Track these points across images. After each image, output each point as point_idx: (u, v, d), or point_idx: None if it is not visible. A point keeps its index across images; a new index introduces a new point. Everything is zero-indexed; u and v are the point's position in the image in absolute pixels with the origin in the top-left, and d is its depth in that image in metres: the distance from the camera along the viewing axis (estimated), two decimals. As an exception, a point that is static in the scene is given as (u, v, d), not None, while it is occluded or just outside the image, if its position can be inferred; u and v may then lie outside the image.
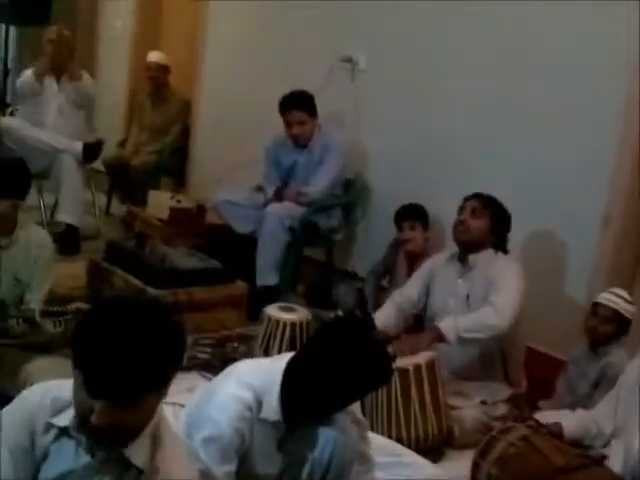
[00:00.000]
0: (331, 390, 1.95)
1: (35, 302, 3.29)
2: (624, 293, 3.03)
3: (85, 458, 1.60)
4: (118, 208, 5.84)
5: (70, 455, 1.60)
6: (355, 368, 1.93)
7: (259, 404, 2.02)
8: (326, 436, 2.05)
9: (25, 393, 1.63)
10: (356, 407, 2.18)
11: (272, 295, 4.13)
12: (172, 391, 3.19)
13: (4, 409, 1.64)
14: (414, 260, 3.88)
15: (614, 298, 2.99)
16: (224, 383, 2.13)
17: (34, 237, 3.38)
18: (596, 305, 3.03)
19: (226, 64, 5.51)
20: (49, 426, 1.57)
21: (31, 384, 2.88)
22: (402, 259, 4.05)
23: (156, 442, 1.62)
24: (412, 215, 4.03)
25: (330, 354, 1.95)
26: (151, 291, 3.81)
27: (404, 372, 2.94)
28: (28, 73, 5.03)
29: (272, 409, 2.01)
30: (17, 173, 3.20)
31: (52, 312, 3.09)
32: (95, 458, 1.59)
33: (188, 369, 3.47)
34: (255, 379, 2.06)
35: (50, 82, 5.00)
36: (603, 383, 2.99)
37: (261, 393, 2.03)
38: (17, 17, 5.73)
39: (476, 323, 3.13)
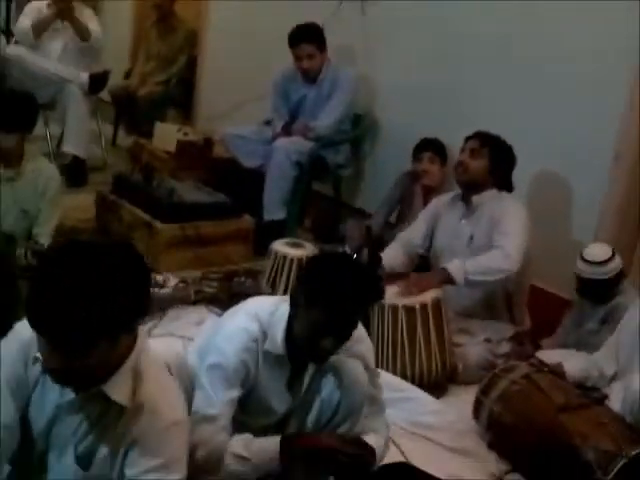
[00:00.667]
0: (316, 321, 1.95)
1: (43, 236, 3.32)
2: (603, 250, 3.03)
3: (70, 394, 1.60)
4: (124, 139, 5.81)
5: (56, 390, 1.61)
6: (357, 293, 1.94)
7: (265, 336, 2.05)
8: (335, 378, 2.08)
9: (19, 325, 1.63)
10: (370, 354, 2.21)
11: (279, 230, 4.14)
12: (181, 325, 3.29)
13: (2, 340, 1.65)
14: (430, 195, 3.84)
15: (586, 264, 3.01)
16: (233, 315, 2.16)
17: (41, 169, 3.39)
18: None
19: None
20: (36, 359, 1.56)
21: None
22: (419, 193, 4.00)
23: (137, 377, 1.61)
24: (432, 148, 3.98)
25: (317, 285, 1.96)
26: (158, 225, 3.83)
27: (410, 310, 2.97)
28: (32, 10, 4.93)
29: (276, 342, 2.04)
30: (24, 106, 3.19)
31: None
32: (78, 395, 1.60)
33: (196, 303, 3.52)
34: (263, 312, 2.08)
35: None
36: (610, 320, 3.00)
37: (267, 326, 2.05)
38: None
39: (484, 266, 3.13)
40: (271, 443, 2.02)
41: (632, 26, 3.32)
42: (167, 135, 4.86)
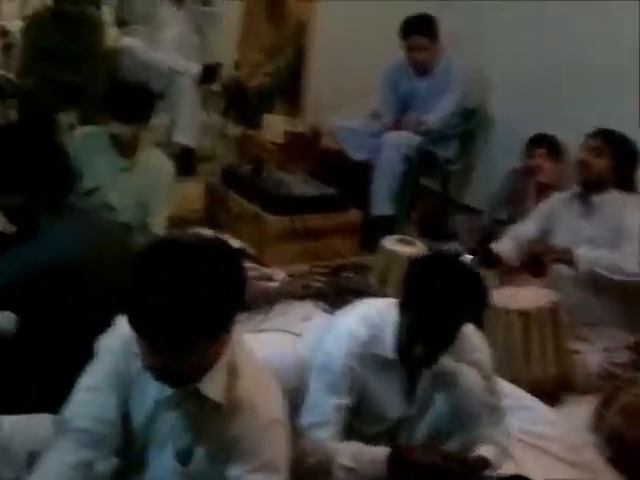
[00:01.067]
0: (432, 325, 1.88)
1: (156, 226, 3.36)
2: None
3: (168, 390, 1.59)
4: (233, 130, 5.86)
5: (156, 385, 1.59)
6: (454, 298, 1.86)
7: (374, 340, 2.00)
8: (451, 387, 2.01)
9: (120, 320, 1.61)
10: (488, 363, 2.13)
11: (387, 225, 4.08)
12: (288, 320, 3.28)
13: (105, 334, 1.65)
14: (544, 192, 3.70)
15: None
16: (343, 317, 2.13)
17: (155, 160, 3.43)
18: None
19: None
20: (136, 355, 1.54)
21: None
22: (532, 189, 3.87)
23: (233, 374, 1.58)
24: (547, 144, 3.83)
25: (414, 286, 1.89)
26: (267, 217, 3.84)
27: (525, 314, 2.86)
28: None
29: (386, 347, 1.99)
30: (141, 97, 3.22)
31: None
32: (176, 391, 1.58)
33: (303, 298, 3.50)
34: (373, 315, 2.04)
35: (168, 3, 4.99)
36: None
37: (377, 329, 2.01)
38: None
39: (613, 263, 3.01)
40: (379, 454, 1.97)
41: None
42: (275, 126, 4.87)
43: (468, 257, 2.95)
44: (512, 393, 2.71)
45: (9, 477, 1.67)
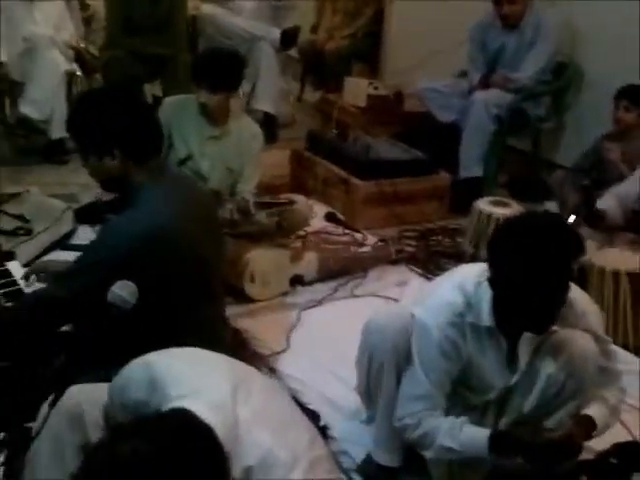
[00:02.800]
0: (526, 287, 1.80)
1: (247, 192, 3.34)
2: None
3: None
4: (311, 95, 5.81)
5: None
6: (547, 255, 1.77)
7: (470, 308, 1.94)
8: (562, 355, 1.94)
9: None
10: (599, 326, 2.04)
11: (476, 187, 3.99)
12: (383, 285, 3.24)
13: None
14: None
15: None
16: (440, 285, 2.07)
17: (245, 128, 3.40)
18: None
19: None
20: None
21: (250, 271, 3.01)
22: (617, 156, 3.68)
23: None
24: (629, 96, 3.61)
25: (521, 251, 1.80)
26: (355, 182, 3.79)
27: (634, 276, 2.75)
28: None
29: (483, 314, 1.92)
30: (231, 65, 3.19)
31: (265, 203, 3.11)
32: None
33: (395, 263, 3.46)
34: (468, 283, 1.97)
35: None
36: None
37: (473, 297, 1.94)
38: None
39: None
40: (480, 435, 1.93)
41: None
42: (357, 90, 4.79)
43: (572, 217, 2.83)
44: (624, 358, 2.63)
45: (80, 443, 1.68)
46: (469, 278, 1.98)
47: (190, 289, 2.01)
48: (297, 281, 3.16)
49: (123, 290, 1.72)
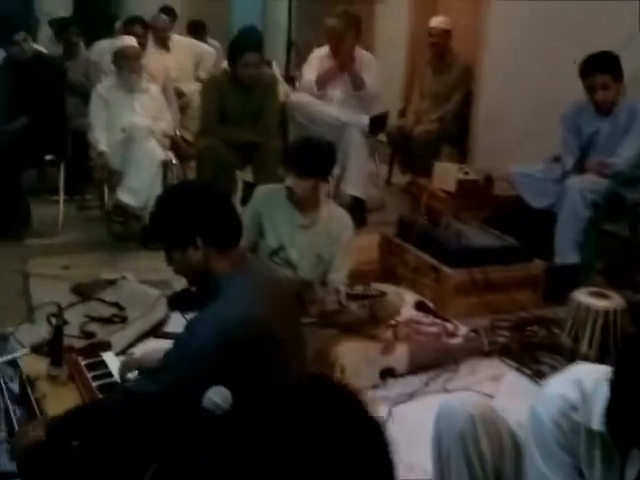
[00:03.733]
0: None
1: (338, 282, 3.32)
2: None
3: None
4: (399, 178, 5.83)
5: None
6: None
7: (583, 408, 1.82)
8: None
9: None
10: None
11: (572, 274, 3.86)
12: (477, 379, 3.13)
13: None
14: None
15: None
16: (555, 380, 1.97)
17: (335, 216, 3.41)
18: None
19: (511, 25, 5.20)
20: None
21: (341, 366, 2.96)
22: None
23: None
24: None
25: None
26: (446, 270, 3.73)
27: None
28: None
29: (596, 416, 1.80)
30: (322, 152, 3.22)
31: (357, 295, 3.08)
32: None
33: (488, 354, 3.35)
34: (586, 380, 1.86)
35: (333, 62, 5.05)
36: None
37: (590, 396, 1.83)
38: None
39: None
40: None
41: None
42: (446, 174, 4.77)
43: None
44: None
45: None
46: (587, 376, 1.89)
47: (275, 378, 1.98)
48: (388, 373, 3.09)
49: (217, 396, 1.71)
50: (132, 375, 2.34)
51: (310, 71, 5.12)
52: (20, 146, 4.36)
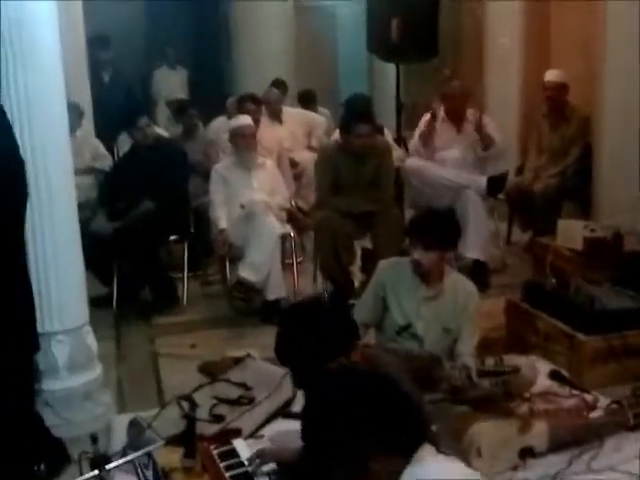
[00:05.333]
0: None
1: (467, 356, 3.22)
2: None
3: None
4: (519, 236, 5.67)
5: None
6: None
7: None
8: None
9: None
10: None
11: None
12: (622, 457, 2.93)
13: None
14: None
15: None
16: None
17: (460, 286, 3.33)
18: None
19: (629, 74, 5.01)
20: None
21: (477, 448, 2.83)
22: None
23: None
24: None
25: None
26: (580, 336, 3.55)
27: None
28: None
29: None
30: (449, 225, 3.17)
31: (490, 372, 2.96)
32: None
33: (634, 429, 3.13)
34: None
35: (448, 126, 5.03)
36: None
37: None
38: (407, 55, 5.83)
39: None
40: None
41: None
42: (571, 232, 4.58)
43: None
44: None
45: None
46: None
47: None
48: (527, 453, 2.93)
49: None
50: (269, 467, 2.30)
51: (417, 130, 5.09)
52: (147, 230, 4.50)
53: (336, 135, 5.13)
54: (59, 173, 3.10)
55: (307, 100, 7.10)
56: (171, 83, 8.49)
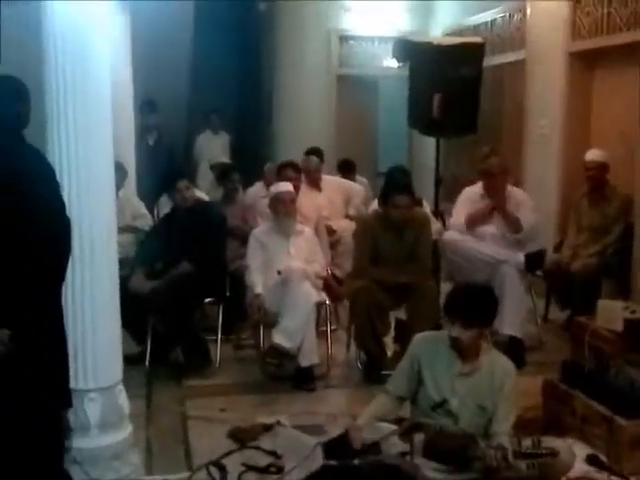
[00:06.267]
0: None
1: (503, 434, 3.15)
2: None
3: None
4: (557, 314, 5.59)
5: None
6: None
7: None
8: None
9: None
10: None
11: None
12: None
13: None
14: None
15: None
16: None
17: (497, 363, 3.28)
18: None
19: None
20: None
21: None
22: None
23: None
24: None
25: None
26: (620, 420, 3.45)
27: None
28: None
29: None
30: (488, 302, 3.15)
31: (526, 454, 2.88)
32: None
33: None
34: None
35: (487, 201, 5.04)
36: None
37: None
38: (447, 131, 5.88)
39: None
40: None
41: None
42: (611, 313, 4.48)
43: None
44: None
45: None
46: None
47: None
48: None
49: None
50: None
51: (462, 210, 5.10)
52: (183, 291, 4.53)
53: (374, 205, 5.16)
54: (103, 232, 3.15)
55: (346, 169, 7.17)
56: (213, 147, 8.65)
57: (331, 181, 6.52)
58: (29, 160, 2.82)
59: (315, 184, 6.19)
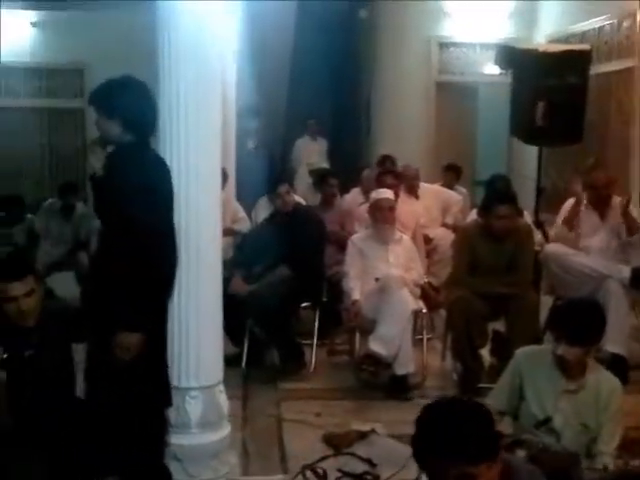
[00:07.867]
0: None
1: (607, 454, 3.05)
2: None
3: None
4: (663, 332, 5.37)
5: None
6: None
7: None
8: None
9: None
10: None
11: None
12: None
13: None
14: None
15: None
16: None
17: (603, 381, 3.16)
18: None
19: None
20: None
21: None
22: None
23: None
24: None
25: None
26: None
27: None
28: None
29: None
30: (596, 319, 3.04)
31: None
32: None
33: None
34: None
35: (592, 213, 4.90)
36: None
37: None
38: (552, 139, 5.75)
39: None
40: None
41: None
42: None
43: None
44: None
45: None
46: None
47: None
48: None
49: None
50: None
51: (559, 219, 4.98)
52: (281, 295, 4.58)
53: (472, 214, 5.08)
54: (209, 237, 3.22)
55: (452, 173, 7.14)
56: (311, 152, 8.73)
57: (429, 189, 6.48)
58: (154, 167, 2.93)
59: (413, 191, 6.16)
